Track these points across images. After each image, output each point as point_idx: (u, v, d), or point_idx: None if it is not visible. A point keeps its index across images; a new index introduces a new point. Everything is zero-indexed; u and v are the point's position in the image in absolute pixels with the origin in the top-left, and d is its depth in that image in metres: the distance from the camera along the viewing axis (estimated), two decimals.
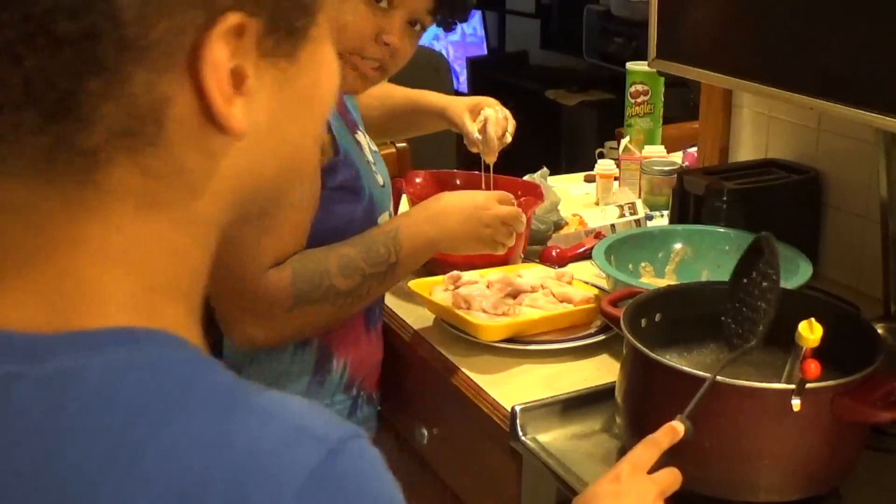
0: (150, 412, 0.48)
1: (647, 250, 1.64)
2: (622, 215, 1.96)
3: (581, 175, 2.39)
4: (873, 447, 1.14)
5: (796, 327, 1.01)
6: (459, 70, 4.95)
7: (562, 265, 1.76)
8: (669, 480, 0.96)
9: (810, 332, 1.00)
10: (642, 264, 1.63)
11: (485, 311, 1.46)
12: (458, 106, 1.71)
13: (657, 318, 1.25)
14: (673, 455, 1.07)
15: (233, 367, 0.53)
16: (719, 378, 1.03)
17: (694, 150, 2.05)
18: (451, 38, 5.06)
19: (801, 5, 1.30)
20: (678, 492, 1.10)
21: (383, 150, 1.72)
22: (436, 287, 1.55)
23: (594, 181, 2.21)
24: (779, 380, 1.06)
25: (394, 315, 1.59)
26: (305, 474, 0.48)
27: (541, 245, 1.83)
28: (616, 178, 2.19)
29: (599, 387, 1.32)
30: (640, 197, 2.10)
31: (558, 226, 1.89)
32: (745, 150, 1.87)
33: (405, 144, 2.20)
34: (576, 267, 1.74)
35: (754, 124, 1.84)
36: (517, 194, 1.63)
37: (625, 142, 2.21)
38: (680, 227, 1.69)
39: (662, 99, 2.26)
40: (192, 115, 0.51)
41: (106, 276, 0.52)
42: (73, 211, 0.51)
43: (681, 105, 2.88)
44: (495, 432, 1.31)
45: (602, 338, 1.45)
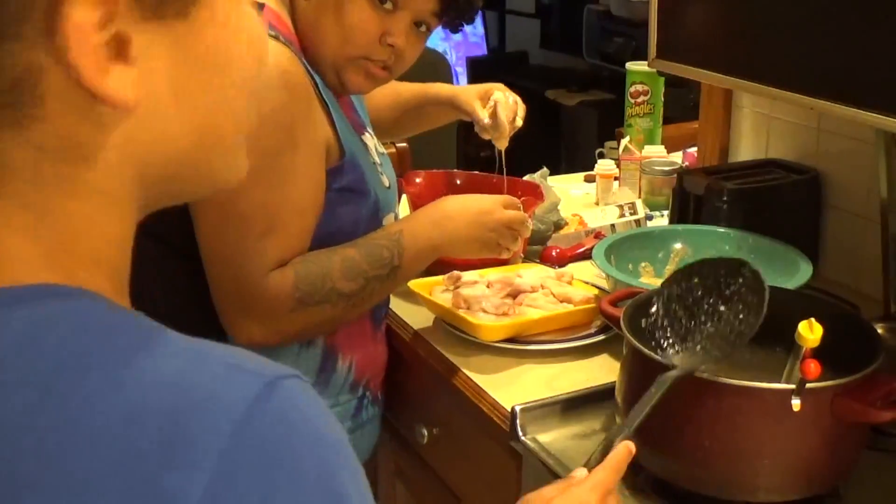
0: (72, 362, 0.47)
1: (647, 250, 1.64)
2: (622, 215, 1.96)
3: (581, 175, 2.40)
4: (873, 447, 1.13)
5: (796, 327, 1.01)
6: (459, 70, 4.95)
7: (562, 265, 1.76)
8: (612, 478, 0.92)
9: (810, 332, 1.00)
10: (642, 264, 1.63)
11: (485, 311, 1.46)
12: (468, 93, 1.70)
13: None
14: (673, 455, 1.07)
15: None
16: (721, 378, 1.03)
17: (694, 150, 2.05)
18: (452, 38, 5.06)
19: (801, 5, 1.29)
20: (678, 492, 1.10)
21: None
22: (436, 287, 1.55)
23: (594, 181, 2.21)
24: (779, 380, 1.06)
25: (394, 315, 1.59)
26: (244, 406, 0.47)
27: (541, 245, 1.83)
28: (616, 178, 2.19)
29: (599, 387, 1.32)
30: (640, 197, 2.10)
31: (558, 226, 1.89)
32: (745, 150, 1.87)
33: (405, 144, 2.20)
34: (576, 267, 1.74)
35: (754, 124, 1.84)
36: (517, 194, 1.63)
37: (625, 142, 2.21)
38: (680, 227, 1.69)
39: (662, 99, 2.27)
40: (70, 87, 0.49)
41: (17, 242, 0.51)
42: None
43: (681, 105, 2.88)
44: (495, 432, 1.31)
45: (602, 338, 1.45)
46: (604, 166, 2.18)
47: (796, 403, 1.01)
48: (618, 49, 3.98)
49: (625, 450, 0.94)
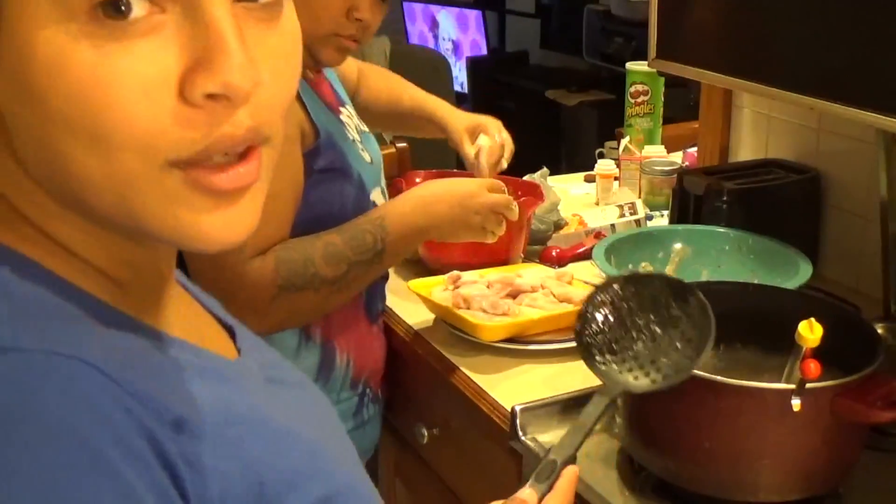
0: None
1: (647, 250, 1.64)
2: (622, 215, 1.96)
3: (581, 175, 2.40)
4: (873, 447, 1.13)
5: (796, 327, 1.01)
6: (459, 70, 4.95)
7: (562, 265, 1.76)
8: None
9: (810, 332, 1.00)
10: (642, 264, 1.62)
11: (485, 311, 1.46)
12: (457, 125, 1.70)
13: None
14: (673, 455, 1.07)
15: None
16: (721, 378, 1.03)
17: (694, 150, 2.05)
18: (452, 38, 5.06)
19: (801, 5, 1.30)
20: (679, 492, 1.10)
21: (383, 151, 1.72)
22: (436, 287, 1.55)
23: (594, 181, 2.21)
24: (779, 380, 1.06)
25: (394, 314, 1.59)
26: None
27: (541, 245, 1.83)
28: (616, 178, 2.19)
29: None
30: (640, 197, 2.10)
31: (558, 226, 1.90)
32: (745, 150, 1.87)
33: (405, 144, 2.20)
34: (576, 267, 1.74)
35: (754, 124, 1.84)
36: (517, 195, 1.63)
37: (625, 142, 2.21)
38: (680, 227, 1.69)
39: (662, 99, 2.26)
40: None
41: None
42: None
43: (681, 105, 2.88)
44: (495, 432, 1.31)
45: None
46: (604, 166, 2.18)
47: (796, 403, 1.01)
48: (618, 49, 3.98)
49: (574, 475, 0.89)
